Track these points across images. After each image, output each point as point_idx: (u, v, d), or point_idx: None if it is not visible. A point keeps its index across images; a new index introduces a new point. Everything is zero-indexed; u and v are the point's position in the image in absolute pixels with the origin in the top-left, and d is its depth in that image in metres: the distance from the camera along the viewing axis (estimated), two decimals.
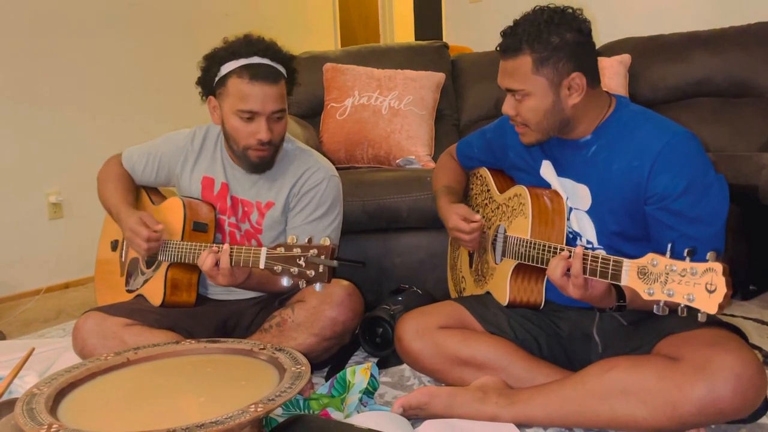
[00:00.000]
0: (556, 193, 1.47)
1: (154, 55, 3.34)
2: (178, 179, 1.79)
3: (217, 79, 1.62)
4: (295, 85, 1.69)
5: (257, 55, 1.59)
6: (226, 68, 1.59)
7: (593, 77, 1.36)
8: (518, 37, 1.32)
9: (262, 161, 1.64)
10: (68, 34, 2.96)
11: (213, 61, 1.63)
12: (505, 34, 1.36)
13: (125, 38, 3.20)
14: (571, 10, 1.34)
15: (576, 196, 1.44)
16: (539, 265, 1.37)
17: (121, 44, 3.18)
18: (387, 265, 2.13)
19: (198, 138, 1.78)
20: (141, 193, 1.87)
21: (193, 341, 1.42)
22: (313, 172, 1.72)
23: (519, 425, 1.34)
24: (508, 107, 1.40)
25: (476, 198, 1.75)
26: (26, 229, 2.84)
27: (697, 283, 1.03)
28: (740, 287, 2.00)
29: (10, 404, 1.31)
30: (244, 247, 1.44)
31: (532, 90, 1.34)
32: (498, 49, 1.38)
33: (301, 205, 1.70)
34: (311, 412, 1.43)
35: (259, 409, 1.05)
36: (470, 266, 1.73)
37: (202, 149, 1.77)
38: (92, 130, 3.03)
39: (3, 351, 1.96)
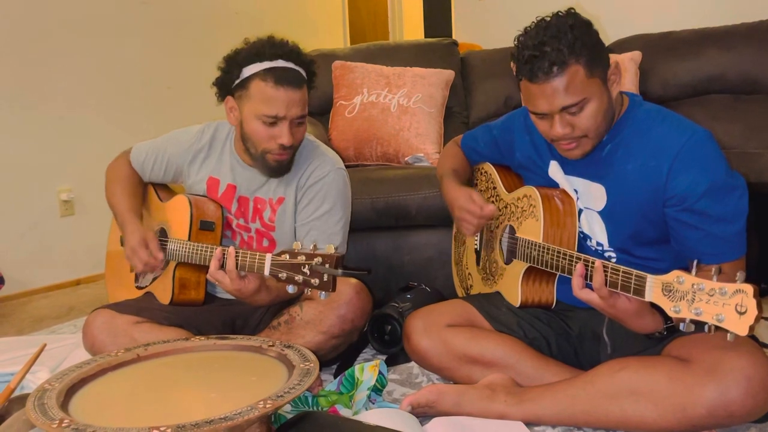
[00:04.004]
0: (566, 193, 1.46)
1: (164, 52, 3.36)
2: (185, 178, 1.78)
3: (238, 81, 1.58)
4: (312, 88, 1.66)
5: (282, 58, 1.56)
6: (248, 70, 1.56)
7: None
8: (556, 52, 1.24)
9: (280, 165, 1.62)
10: (79, 32, 2.98)
11: (234, 62, 1.59)
12: (535, 57, 1.25)
13: (136, 36, 3.22)
14: (570, 10, 1.32)
15: (590, 195, 1.42)
16: (552, 270, 1.36)
17: (132, 42, 3.20)
18: (396, 263, 2.13)
19: (206, 137, 1.76)
20: (149, 189, 1.87)
21: (203, 338, 1.43)
22: (318, 164, 1.70)
23: (527, 423, 1.34)
24: (561, 128, 1.29)
25: (481, 195, 1.74)
26: (38, 227, 2.86)
27: (727, 304, 1.02)
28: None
29: (22, 399, 1.32)
30: (249, 252, 1.43)
31: (591, 95, 1.27)
32: (530, 76, 1.27)
33: (308, 198, 1.69)
34: (320, 408, 1.43)
35: (267, 406, 1.06)
36: (477, 264, 1.72)
37: (211, 149, 1.75)
38: (103, 128, 3.05)
39: (15, 347, 1.98)
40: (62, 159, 2.93)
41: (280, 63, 1.55)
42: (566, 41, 1.24)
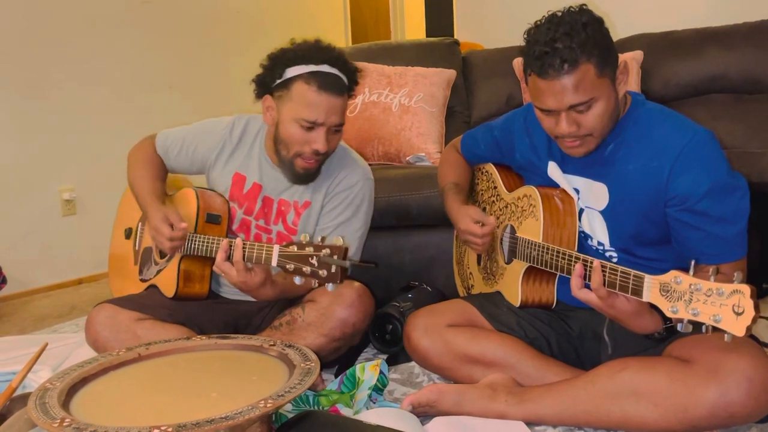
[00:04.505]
0: (566, 193, 1.46)
1: (166, 52, 3.36)
2: (210, 170, 1.75)
3: (279, 80, 1.56)
4: (352, 97, 1.63)
5: (327, 63, 1.54)
6: (292, 71, 1.54)
7: None
8: (568, 49, 1.22)
9: (306, 172, 1.61)
10: (81, 32, 2.98)
11: (279, 61, 1.56)
12: (547, 54, 1.23)
13: (138, 36, 3.22)
14: (583, 6, 1.30)
15: (592, 194, 1.42)
16: (552, 270, 1.36)
17: (134, 42, 3.20)
18: (397, 263, 2.13)
19: (237, 130, 1.73)
20: None
21: (204, 337, 1.43)
22: (349, 172, 1.69)
23: (528, 423, 1.34)
24: (567, 126, 1.28)
25: (482, 194, 1.75)
26: (40, 226, 2.87)
27: (724, 304, 1.02)
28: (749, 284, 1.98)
29: (24, 399, 1.32)
30: (257, 243, 1.43)
31: (599, 94, 1.26)
32: (540, 73, 1.25)
33: (332, 204, 1.68)
34: (321, 408, 1.43)
35: (268, 405, 1.06)
36: (478, 263, 1.72)
37: (240, 143, 1.72)
38: (105, 128, 3.05)
39: (17, 346, 1.99)
40: (64, 159, 2.94)
41: (325, 68, 1.54)
42: (579, 39, 1.23)
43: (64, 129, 2.93)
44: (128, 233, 1.90)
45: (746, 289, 1.00)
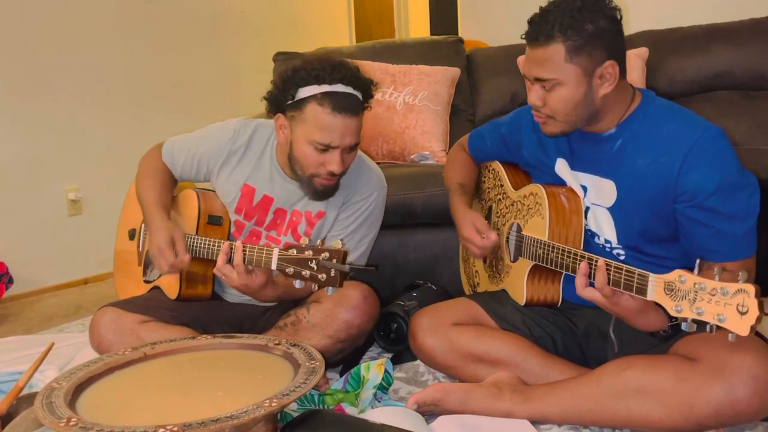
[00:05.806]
0: (572, 191, 1.46)
1: (171, 52, 3.37)
2: (215, 178, 1.71)
3: (292, 101, 1.52)
4: (367, 109, 1.57)
5: (341, 82, 1.49)
6: (305, 92, 1.49)
7: (623, 66, 1.32)
8: (550, 24, 1.26)
9: (326, 189, 1.58)
10: (86, 32, 2.99)
11: (291, 81, 1.51)
12: (534, 21, 1.29)
13: (143, 35, 3.23)
14: None
15: (599, 191, 1.41)
16: (557, 269, 1.36)
17: (138, 41, 3.21)
18: (401, 261, 2.13)
19: (243, 137, 1.67)
20: None
21: (209, 336, 1.44)
22: (365, 182, 1.68)
23: (533, 422, 1.33)
24: (534, 98, 1.33)
25: (489, 192, 1.74)
26: (46, 226, 2.88)
27: (728, 304, 1.01)
28: (758, 283, 1.97)
29: (30, 398, 1.33)
30: (256, 246, 1.43)
31: (564, 79, 1.29)
32: (526, 36, 1.31)
33: (347, 214, 1.68)
34: (326, 407, 1.43)
35: (273, 404, 1.06)
36: (484, 261, 1.72)
37: (246, 152, 1.67)
38: (111, 128, 3.06)
39: (24, 346, 2.00)
40: (70, 158, 2.95)
41: (339, 87, 1.49)
42: (564, 19, 1.25)
43: (70, 129, 2.94)
44: (132, 234, 1.90)
45: (751, 288, 1.00)
